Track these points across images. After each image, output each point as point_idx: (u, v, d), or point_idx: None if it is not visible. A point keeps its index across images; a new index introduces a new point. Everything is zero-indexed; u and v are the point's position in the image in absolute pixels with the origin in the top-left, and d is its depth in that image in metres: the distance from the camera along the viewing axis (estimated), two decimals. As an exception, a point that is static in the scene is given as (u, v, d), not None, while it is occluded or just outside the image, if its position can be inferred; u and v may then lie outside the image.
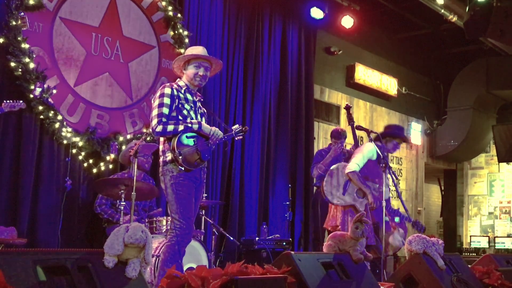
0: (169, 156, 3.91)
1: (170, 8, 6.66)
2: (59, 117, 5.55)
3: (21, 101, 4.93)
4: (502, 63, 11.03)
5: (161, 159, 4.00)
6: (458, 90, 11.63)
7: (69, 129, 5.64)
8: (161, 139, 4.04)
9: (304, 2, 8.40)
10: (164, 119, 3.90)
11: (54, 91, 5.54)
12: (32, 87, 5.33)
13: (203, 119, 4.20)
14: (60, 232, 5.33)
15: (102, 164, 5.86)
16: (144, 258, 2.63)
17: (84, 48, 5.95)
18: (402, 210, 6.12)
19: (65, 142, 5.61)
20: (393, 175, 5.67)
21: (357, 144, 6.09)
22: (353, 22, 8.77)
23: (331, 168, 5.45)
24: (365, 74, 9.90)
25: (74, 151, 5.67)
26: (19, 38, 5.28)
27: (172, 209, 3.91)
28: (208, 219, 5.92)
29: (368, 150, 5.40)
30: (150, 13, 6.59)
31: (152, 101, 4.07)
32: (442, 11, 8.75)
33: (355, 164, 5.34)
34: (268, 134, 7.75)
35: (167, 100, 3.97)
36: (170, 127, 3.91)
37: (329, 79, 9.44)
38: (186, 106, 4.05)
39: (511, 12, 7.12)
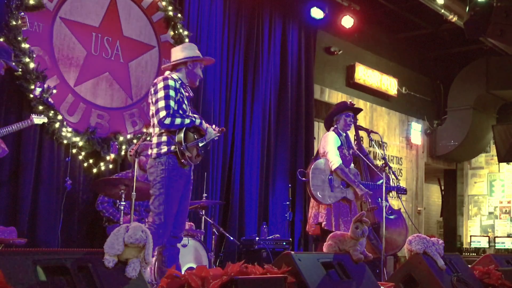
0: (164, 148, 3.86)
1: (170, 8, 6.66)
2: (59, 117, 5.55)
3: (43, 115, 5.14)
4: (502, 63, 11.02)
5: (154, 151, 3.92)
6: (458, 90, 11.63)
7: (69, 129, 5.64)
8: (156, 130, 3.98)
9: (304, 2, 8.40)
10: (171, 111, 3.86)
11: (54, 91, 5.54)
12: (32, 87, 5.33)
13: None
14: (60, 232, 5.33)
15: (102, 164, 5.86)
16: (144, 258, 2.63)
17: (84, 48, 5.95)
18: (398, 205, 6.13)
19: (65, 142, 5.61)
20: (393, 175, 5.68)
21: (359, 142, 6.09)
22: (353, 22, 8.77)
23: (311, 169, 5.44)
24: (365, 74, 9.90)
25: (74, 151, 5.67)
26: (19, 38, 5.28)
27: (155, 204, 3.83)
28: (208, 219, 5.92)
29: (334, 138, 5.45)
30: (150, 13, 6.59)
31: (153, 92, 3.99)
32: (442, 11, 8.76)
33: (336, 157, 5.37)
34: (268, 134, 7.74)
35: (172, 93, 3.93)
36: (178, 120, 3.87)
37: (329, 79, 9.44)
38: (184, 100, 4.04)
39: (511, 12, 7.11)
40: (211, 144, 6.90)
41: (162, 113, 3.85)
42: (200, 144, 3.99)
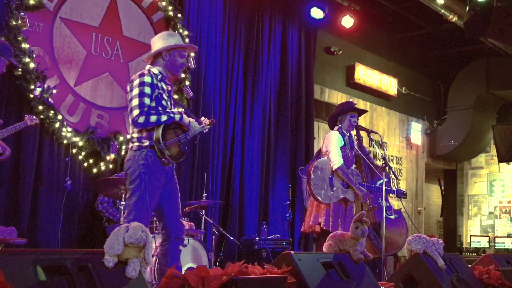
0: (146, 142, 3.68)
1: (170, 8, 6.66)
2: (59, 117, 5.56)
3: (35, 117, 5.06)
4: (502, 63, 11.02)
5: (135, 144, 3.72)
6: (458, 90, 11.63)
7: (69, 129, 5.64)
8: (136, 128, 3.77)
9: (304, 2, 8.40)
10: (146, 109, 3.65)
11: (54, 91, 5.54)
12: (32, 87, 5.34)
13: (176, 109, 3.98)
14: (60, 232, 5.33)
15: (102, 164, 5.87)
16: (144, 258, 2.63)
17: (84, 48, 5.95)
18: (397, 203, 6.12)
19: (65, 142, 5.61)
20: (393, 175, 5.68)
21: (360, 142, 6.09)
22: (353, 22, 8.77)
23: (313, 167, 5.41)
24: (365, 74, 9.90)
25: (74, 151, 5.67)
26: (19, 38, 5.28)
27: (132, 199, 3.63)
28: (208, 219, 5.92)
29: (337, 138, 5.43)
30: (150, 13, 6.59)
31: (128, 89, 3.79)
32: (442, 11, 8.75)
33: (338, 157, 5.35)
34: (268, 134, 7.75)
35: (147, 90, 3.70)
36: (153, 118, 3.66)
37: (329, 79, 9.44)
38: (164, 96, 3.82)
39: (511, 12, 7.11)
40: (211, 144, 6.92)
41: (135, 112, 3.64)
42: (182, 141, 3.78)
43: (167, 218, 3.79)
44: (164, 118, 3.70)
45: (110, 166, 5.93)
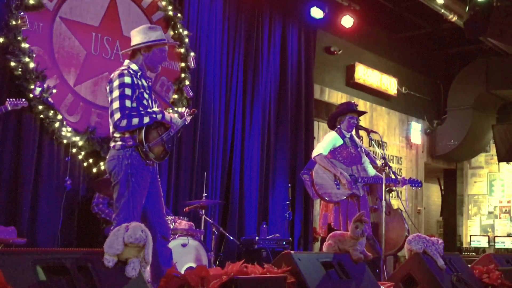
0: (130, 141, 3.59)
1: (170, 8, 6.66)
2: (59, 117, 5.56)
3: (24, 99, 5.02)
4: (502, 63, 11.02)
5: (117, 143, 3.63)
6: (458, 90, 11.63)
7: (69, 129, 5.64)
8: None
9: (304, 2, 8.40)
10: (127, 112, 3.56)
11: (54, 91, 5.55)
12: (32, 86, 5.34)
13: (156, 105, 3.87)
14: (60, 232, 5.33)
15: (102, 163, 5.86)
16: (144, 258, 2.63)
17: (84, 47, 5.96)
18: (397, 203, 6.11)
19: (65, 141, 5.61)
20: (393, 175, 5.66)
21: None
22: (353, 22, 8.77)
23: (314, 169, 5.40)
24: (365, 74, 9.90)
25: (74, 150, 5.67)
26: (19, 38, 5.29)
27: (120, 201, 3.54)
28: (208, 219, 5.92)
29: (331, 138, 5.46)
30: (150, 13, 6.59)
31: (108, 90, 3.70)
32: (442, 11, 8.76)
33: (321, 148, 5.38)
34: (268, 134, 7.75)
35: (128, 91, 3.60)
36: (135, 120, 3.56)
37: (329, 79, 9.44)
38: (145, 94, 3.72)
39: (511, 12, 7.12)
40: (211, 144, 6.92)
41: (117, 116, 3.55)
42: (166, 138, 3.71)
43: (151, 218, 3.70)
44: (146, 119, 3.60)
45: (110, 166, 5.92)
